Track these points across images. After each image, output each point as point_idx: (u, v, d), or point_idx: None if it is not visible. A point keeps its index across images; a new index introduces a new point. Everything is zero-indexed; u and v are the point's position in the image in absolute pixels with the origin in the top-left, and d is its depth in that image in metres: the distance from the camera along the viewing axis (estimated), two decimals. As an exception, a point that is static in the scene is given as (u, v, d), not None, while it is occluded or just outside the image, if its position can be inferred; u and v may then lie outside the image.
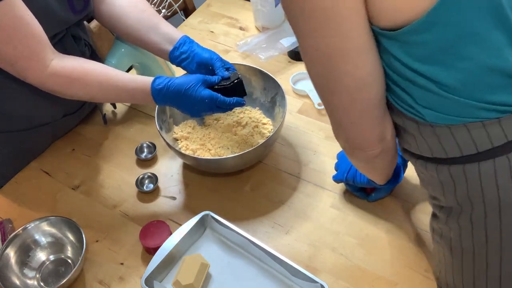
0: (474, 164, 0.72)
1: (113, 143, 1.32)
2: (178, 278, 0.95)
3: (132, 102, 1.18)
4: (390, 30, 0.66)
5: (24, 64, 1.00)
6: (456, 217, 0.78)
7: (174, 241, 1.01)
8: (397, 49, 0.68)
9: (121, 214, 1.16)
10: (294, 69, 1.46)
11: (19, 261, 1.06)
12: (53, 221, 1.09)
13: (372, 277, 1.00)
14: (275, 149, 1.25)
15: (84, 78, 1.05)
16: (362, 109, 0.74)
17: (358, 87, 0.71)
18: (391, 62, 0.70)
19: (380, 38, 0.68)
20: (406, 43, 0.66)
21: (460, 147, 0.71)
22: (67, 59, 1.05)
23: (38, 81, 1.03)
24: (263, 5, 1.52)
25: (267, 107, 1.28)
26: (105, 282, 1.05)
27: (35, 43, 0.99)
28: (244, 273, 1.00)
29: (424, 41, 0.65)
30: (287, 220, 1.11)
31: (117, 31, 1.22)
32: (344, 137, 0.81)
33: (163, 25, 1.17)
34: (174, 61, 1.14)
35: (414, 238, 1.05)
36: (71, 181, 1.24)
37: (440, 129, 0.71)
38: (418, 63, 0.67)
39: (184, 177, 1.23)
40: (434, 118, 0.71)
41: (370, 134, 0.78)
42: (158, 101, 1.06)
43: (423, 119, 0.72)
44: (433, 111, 0.70)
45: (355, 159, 0.86)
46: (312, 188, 1.16)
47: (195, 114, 1.07)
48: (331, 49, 0.67)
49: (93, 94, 1.08)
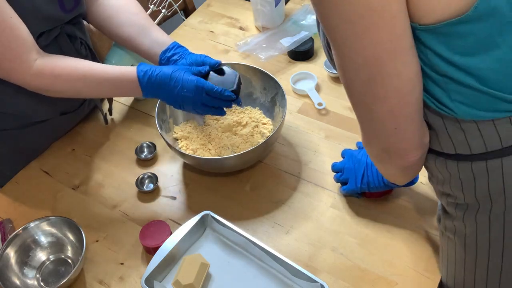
0: (497, 160, 0.72)
1: (113, 143, 1.32)
2: (178, 278, 0.95)
3: (119, 94, 1.15)
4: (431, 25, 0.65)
5: (7, 66, 1.02)
6: (474, 213, 0.78)
7: (174, 241, 1.01)
8: (438, 43, 0.66)
9: (121, 214, 1.16)
10: (294, 69, 1.46)
11: (19, 261, 1.06)
12: (53, 221, 1.09)
13: (372, 277, 1.00)
14: (275, 149, 1.25)
15: (67, 73, 1.05)
16: (409, 113, 0.72)
17: (407, 89, 0.69)
18: (429, 58, 0.68)
19: (420, 34, 0.67)
20: (448, 35, 0.65)
21: (485, 143, 0.72)
22: (51, 58, 1.05)
23: (23, 81, 1.04)
24: (263, 5, 1.52)
25: (267, 107, 1.28)
26: (105, 282, 1.05)
27: (18, 46, 1.00)
28: (244, 273, 1.00)
29: (467, 32, 0.64)
30: (287, 220, 1.11)
31: (106, 32, 1.22)
32: (381, 146, 0.77)
33: (155, 29, 1.16)
34: (165, 60, 1.13)
35: (414, 238, 1.05)
36: (71, 181, 1.24)
37: (467, 125, 0.71)
38: (458, 55, 0.66)
39: (184, 177, 1.23)
40: (464, 113, 0.70)
41: (413, 139, 0.75)
42: (143, 84, 1.03)
43: (451, 115, 0.71)
44: (465, 105, 0.70)
45: (391, 167, 0.83)
46: (312, 188, 1.16)
47: (181, 104, 1.04)
48: (380, 52, 0.65)
49: (78, 89, 1.07)
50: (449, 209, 0.84)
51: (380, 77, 0.67)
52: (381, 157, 0.80)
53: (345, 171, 1.10)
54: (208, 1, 1.76)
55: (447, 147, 0.76)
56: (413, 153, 0.77)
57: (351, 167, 1.08)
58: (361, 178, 1.06)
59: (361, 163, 1.06)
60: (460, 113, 0.71)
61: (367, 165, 1.05)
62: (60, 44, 1.13)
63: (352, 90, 0.72)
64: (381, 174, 0.94)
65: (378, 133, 0.75)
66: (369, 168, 1.05)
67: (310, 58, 1.49)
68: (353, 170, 1.07)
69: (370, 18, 0.62)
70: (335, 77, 1.41)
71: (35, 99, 1.14)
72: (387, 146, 0.76)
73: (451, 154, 0.76)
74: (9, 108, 1.15)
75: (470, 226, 0.80)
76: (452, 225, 0.84)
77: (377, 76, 0.67)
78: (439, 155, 0.78)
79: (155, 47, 1.14)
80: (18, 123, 1.19)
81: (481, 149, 0.73)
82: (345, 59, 0.69)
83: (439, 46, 0.67)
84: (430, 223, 1.07)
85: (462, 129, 0.72)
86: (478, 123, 0.71)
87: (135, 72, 1.04)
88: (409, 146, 0.76)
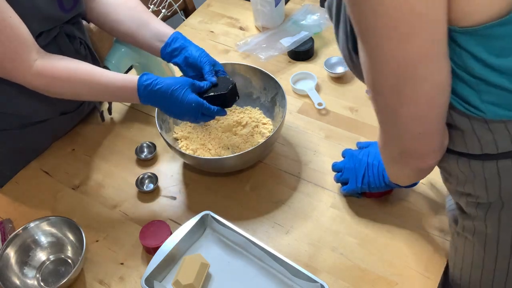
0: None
1: (113, 143, 1.32)
2: (178, 278, 0.95)
3: (118, 99, 1.16)
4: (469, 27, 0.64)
5: (8, 65, 1.02)
6: (497, 211, 0.79)
7: (174, 241, 1.01)
8: (475, 45, 0.65)
9: (121, 214, 1.16)
10: (294, 69, 1.46)
11: (19, 261, 1.06)
12: (53, 221, 1.09)
13: (372, 277, 1.00)
14: (275, 149, 1.25)
15: (67, 76, 1.05)
16: (435, 117, 0.71)
17: (436, 93, 0.68)
18: (463, 59, 0.67)
19: (457, 36, 0.65)
20: (487, 37, 0.64)
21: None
22: (51, 59, 1.06)
23: (24, 81, 1.05)
24: (263, 5, 1.52)
25: (267, 107, 1.28)
26: (105, 282, 1.05)
27: (18, 45, 1.00)
28: (244, 273, 1.00)
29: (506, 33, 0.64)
30: (287, 220, 1.11)
31: (107, 28, 1.22)
32: (401, 149, 0.76)
33: (154, 21, 1.16)
34: (166, 58, 1.14)
35: (414, 238, 1.05)
36: (71, 181, 1.24)
37: (496, 125, 0.71)
38: (494, 56, 0.66)
39: (184, 177, 1.23)
40: (494, 114, 0.70)
41: (436, 142, 0.74)
42: (142, 97, 1.04)
43: (480, 116, 0.70)
44: (495, 106, 0.69)
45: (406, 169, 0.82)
46: (312, 188, 1.16)
47: (178, 117, 1.07)
48: (416, 56, 0.63)
49: (77, 91, 1.08)
50: (468, 209, 0.84)
51: (411, 82, 0.66)
52: (397, 159, 0.79)
53: (346, 171, 1.10)
54: (208, 1, 1.76)
55: (473, 147, 0.75)
56: (433, 155, 0.76)
57: (351, 167, 1.08)
58: (361, 178, 1.06)
59: (362, 163, 1.06)
60: (490, 113, 0.70)
61: (368, 165, 1.05)
62: (59, 44, 1.13)
63: (379, 93, 0.70)
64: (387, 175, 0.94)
65: (400, 136, 0.74)
66: (370, 168, 1.05)
67: (310, 58, 1.49)
68: (354, 170, 1.07)
69: (412, 23, 0.61)
70: (335, 77, 1.41)
71: (35, 99, 1.14)
72: (408, 149, 0.75)
73: (476, 154, 0.75)
74: (9, 108, 1.15)
75: (492, 226, 0.81)
76: (471, 225, 0.84)
77: (408, 81, 0.66)
78: (462, 155, 0.77)
79: (155, 41, 1.14)
80: (18, 123, 1.19)
81: (508, 148, 0.72)
82: (378, 63, 0.66)
83: (476, 48, 0.65)
84: (430, 223, 1.07)
85: (490, 129, 0.71)
86: (506, 122, 0.70)
87: (135, 83, 1.04)
88: (431, 149, 0.75)
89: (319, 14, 1.56)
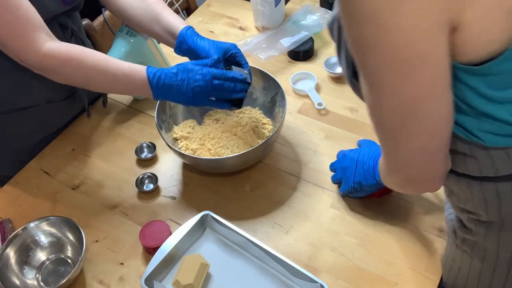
0: None
1: (113, 143, 1.32)
2: (178, 278, 0.95)
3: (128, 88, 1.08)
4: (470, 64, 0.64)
5: (14, 45, 1.01)
6: (497, 230, 0.79)
7: (174, 241, 1.01)
8: (475, 81, 0.65)
9: (121, 214, 1.16)
10: (294, 69, 1.46)
11: (19, 261, 1.06)
12: (53, 221, 1.09)
13: (372, 277, 1.00)
14: (275, 149, 1.25)
15: (81, 58, 1.04)
16: (438, 148, 0.71)
17: (440, 127, 0.68)
18: (463, 92, 0.67)
19: (456, 71, 0.65)
20: (486, 74, 0.64)
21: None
22: (64, 43, 1.06)
23: (34, 61, 1.03)
24: (263, 5, 1.52)
25: (267, 107, 1.28)
26: (105, 282, 1.05)
27: (24, 24, 1.00)
28: (244, 273, 1.00)
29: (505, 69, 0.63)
30: (287, 220, 1.11)
31: (126, 22, 1.25)
32: (405, 177, 0.76)
33: (165, 15, 1.17)
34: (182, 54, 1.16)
35: (414, 238, 1.05)
36: (71, 181, 1.24)
37: (496, 152, 0.71)
38: (495, 91, 0.66)
39: (184, 177, 1.23)
40: (494, 142, 0.70)
41: (439, 170, 0.75)
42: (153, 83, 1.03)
43: (481, 143, 0.71)
44: (495, 135, 0.69)
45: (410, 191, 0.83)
46: (312, 188, 1.16)
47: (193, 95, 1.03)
48: (418, 94, 0.63)
49: (88, 76, 1.06)
50: (469, 224, 0.84)
51: (414, 118, 0.65)
52: (402, 184, 0.79)
53: (338, 171, 1.11)
54: (208, 1, 1.76)
55: (473, 170, 0.75)
56: (438, 181, 0.77)
57: (343, 167, 1.09)
58: (353, 177, 1.06)
59: (352, 161, 1.06)
60: (489, 142, 0.70)
61: (357, 163, 1.05)
62: None
63: (382, 127, 0.70)
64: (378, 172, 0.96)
65: (404, 166, 0.74)
66: (360, 166, 1.04)
67: (310, 58, 1.49)
68: (345, 169, 1.08)
69: (414, 63, 0.60)
70: (335, 77, 1.41)
71: (20, 84, 1.15)
72: (412, 178, 0.76)
73: (476, 176, 0.75)
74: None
75: (492, 242, 0.81)
76: (471, 240, 0.84)
77: (411, 117, 0.65)
78: (463, 176, 0.77)
79: (167, 37, 1.17)
80: (4, 108, 1.20)
81: (507, 171, 0.72)
82: (380, 99, 0.66)
83: (476, 83, 0.65)
84: (430, 223, 1.07)
85: (490, 155, 0.72)
86: (507, 149, 0.70)
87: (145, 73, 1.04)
88: (436, 176, 0.75)
89: (319, 14, 1.56)
